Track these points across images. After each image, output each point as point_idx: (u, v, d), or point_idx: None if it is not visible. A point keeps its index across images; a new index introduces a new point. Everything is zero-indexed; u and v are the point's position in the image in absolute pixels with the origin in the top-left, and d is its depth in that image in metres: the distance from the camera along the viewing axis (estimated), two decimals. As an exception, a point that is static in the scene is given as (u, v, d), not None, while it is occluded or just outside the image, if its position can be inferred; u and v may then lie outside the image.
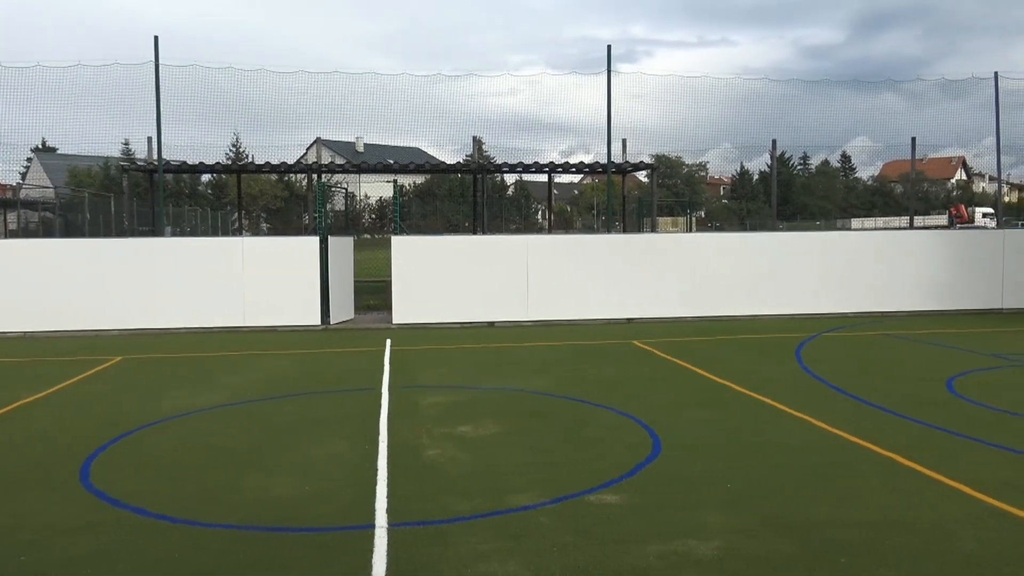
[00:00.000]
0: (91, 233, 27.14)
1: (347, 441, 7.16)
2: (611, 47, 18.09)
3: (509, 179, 59.64)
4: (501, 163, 21.59)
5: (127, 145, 25.62)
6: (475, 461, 6.48)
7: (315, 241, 15.52)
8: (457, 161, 23.34)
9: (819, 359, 11.41)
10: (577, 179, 73.91)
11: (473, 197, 23.61)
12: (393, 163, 22.62)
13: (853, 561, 4.45)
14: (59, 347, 13.42)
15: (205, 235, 37.82)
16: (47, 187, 37.09)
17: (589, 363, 11.40)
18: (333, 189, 22.08)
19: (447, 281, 15.75)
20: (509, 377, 10.35)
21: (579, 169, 22.44)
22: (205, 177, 50.18)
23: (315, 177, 20.73)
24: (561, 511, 5.26)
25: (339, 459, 6.61)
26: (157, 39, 16.56)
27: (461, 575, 4.33)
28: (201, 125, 18.42)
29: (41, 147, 37.37)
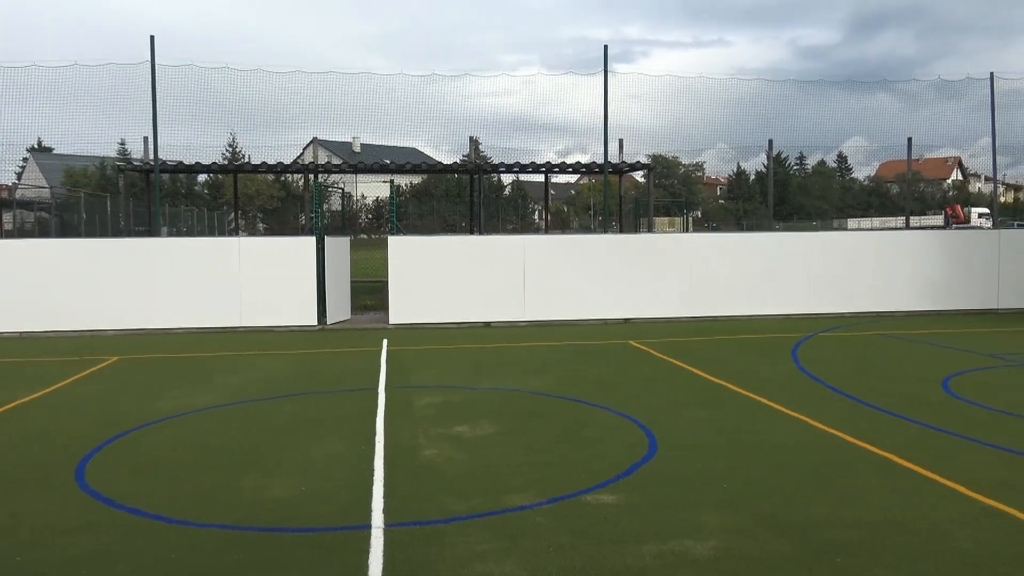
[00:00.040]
0: (87, 233, 27.09)
1: (344, 441, 7.16)
2: (607, 47, 18.10)
3: (506, 179, 59.77)
4: (498, 163, 21.61)
5: (123, 145, 25.64)
6: (472, 461, 6.48)
7: (311, 241, 15.51)
8: (454, 161, 23.34)
9: (816, 359, 11.43)
10: (574, 179, 73.87)
11: (470, 197, 23.62)
12: (390, 163, 22.61)
13: (850, 561, 4.45)
14: (55, 347, 13.40)
15: (201, 235, 37.73)
16: (43, 187, 37.01)
17: (586, 363, 11.40)
18: (330, 189, 22.03)
19: (444, 281, 15.74)
20: (506, 377, 10.35)
21: (576, 169, 22.45)
22: (201, 177, 50.09)
23: (312, 177, 20.74)
24: (558, 511, 5.26)
25: (336, 459, 6.60)
26: (153, 39, 16.55)
27: (457, 575, 4.33)
28: (197, 125, 18.42)
29: (37, 147, 37.34)
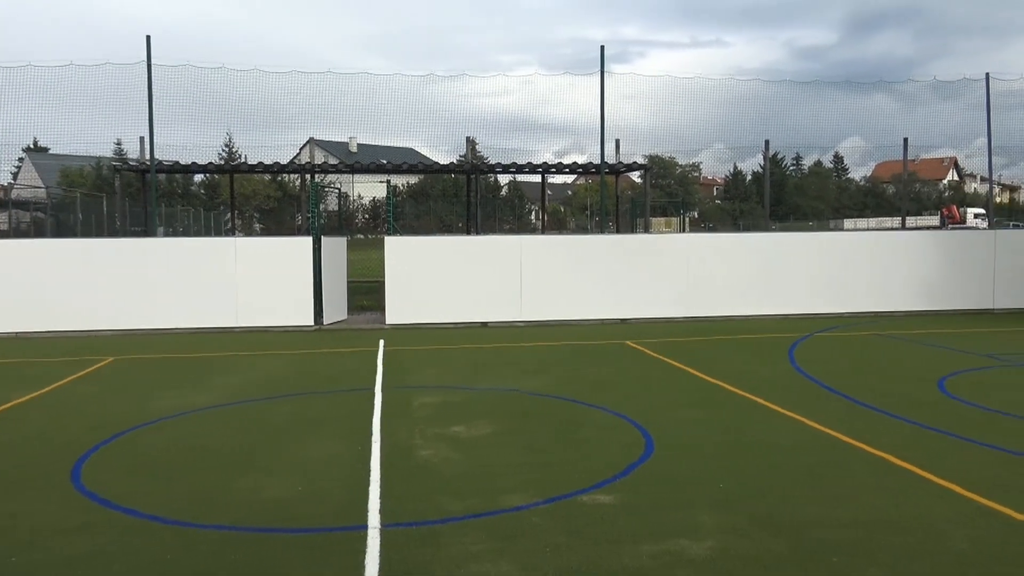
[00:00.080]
0: (83, 233, 27.00)
1: (340, 442, 7.16)
2: (604, 48, 18.12)
3: (503, 179, 59.64)
4: (495, 163, 21.61)
5: (119, 145, 25.63)
6: (468, 461, 6.48)
7: (308, 241, 15.50)
8: (451, 161, 23.34)
9: (812, 359, 11.44)
10: (571, 180, 73.89)
11: (467, 197, 23.63)
12: (386, 163, 22.60)
13: (845, 560, 4.46)
14: (52, 347, 13.37)
15: (198, 235, 37.69)
16: (39, 187, 36.92)
17: (583, 363, 11.40)
18: (326, 189, 22.02)
19: (441, 281, 15.74)
20: (502, 377, 10.36)
21: (572, 170, 22.48)
22: (198, 177, 50.02)
23: (308, 177, 20.72)
24: (554, 511, 5.27)
25: (332, 460, 6.60)
26: (149, 39, 16.52)
27: (453, 575, 4.33)
28: (194, 125, 18.40)
29: (33, 147, 37.25)
